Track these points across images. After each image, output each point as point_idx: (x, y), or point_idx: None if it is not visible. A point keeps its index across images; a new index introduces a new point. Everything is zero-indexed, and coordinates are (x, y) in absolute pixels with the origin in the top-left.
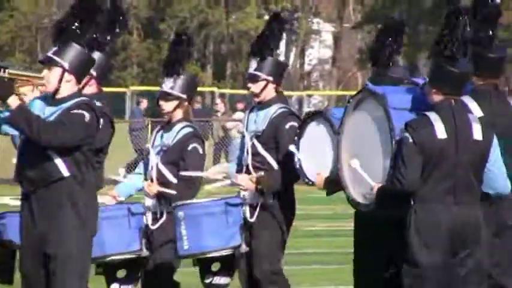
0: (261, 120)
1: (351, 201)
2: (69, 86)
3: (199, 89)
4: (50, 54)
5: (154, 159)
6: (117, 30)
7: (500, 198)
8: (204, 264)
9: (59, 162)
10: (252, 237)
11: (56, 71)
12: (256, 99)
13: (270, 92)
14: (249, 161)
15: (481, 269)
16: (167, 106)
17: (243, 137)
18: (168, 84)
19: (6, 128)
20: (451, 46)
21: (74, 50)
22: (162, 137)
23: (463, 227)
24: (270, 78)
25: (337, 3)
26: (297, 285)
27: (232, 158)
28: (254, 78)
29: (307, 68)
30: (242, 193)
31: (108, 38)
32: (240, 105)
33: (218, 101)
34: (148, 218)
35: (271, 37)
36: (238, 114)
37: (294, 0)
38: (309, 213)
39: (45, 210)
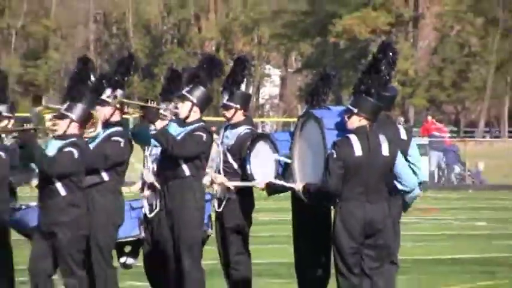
0: (231, 137)
1: (299, 195)
2: (195, 115)
3: None
4: (184, 92)
5: (150, 165)
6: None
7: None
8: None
9: (184, 166)
10: (221, 226)
11: (187, 105)
12: (229, 122)
13: (239, 116)
14: (221, 166)
15: (387, 248)
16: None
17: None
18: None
19: (153, 141)
20: (370, 85)
21: (200, 91)
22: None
23: (373, 218)
24: (238, 106)
25: (283, 54)
26: (256, 259)
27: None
28: (226, 107)
29: (261, 101)
30: (215, 188)
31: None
32: (213, 129)
33: None
34: (146, 208)
35: (236, 76)
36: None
37: (252, 51)
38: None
39: (173, 198)
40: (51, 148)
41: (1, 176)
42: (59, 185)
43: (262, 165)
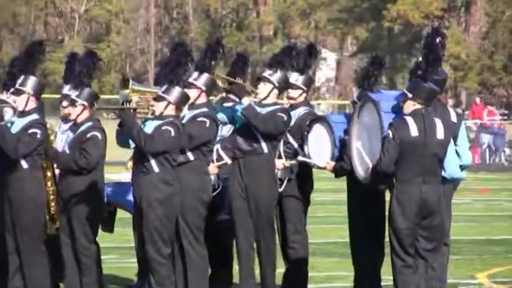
0: (292, 117)
1: (357, 176)
2: (273, 97)
3: None
4: (265, 74)
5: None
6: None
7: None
8: None
9: (263, 143)
10: (280, 206)
11: (268, 87)
12: (292, 101)
13: (301, 98)
14: (281, 148)
15: (442, 229)
16: None
17: None
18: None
19: (239, 117)
20: (426, 70)
21: (281, 76)
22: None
23: (428, 200)
24: (305, 89)
25: (339, 38)
26: (311, 239)
27: None
28: (294, 87)
29: (317, 84)
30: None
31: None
32: None
33: None
34: None
35: (307, 60)
36: None
37: (309, 35)
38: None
39: (250, 171)
40: (148, 127)
41: (99, 155)
42: (153, 162)
43: (319, 146)
